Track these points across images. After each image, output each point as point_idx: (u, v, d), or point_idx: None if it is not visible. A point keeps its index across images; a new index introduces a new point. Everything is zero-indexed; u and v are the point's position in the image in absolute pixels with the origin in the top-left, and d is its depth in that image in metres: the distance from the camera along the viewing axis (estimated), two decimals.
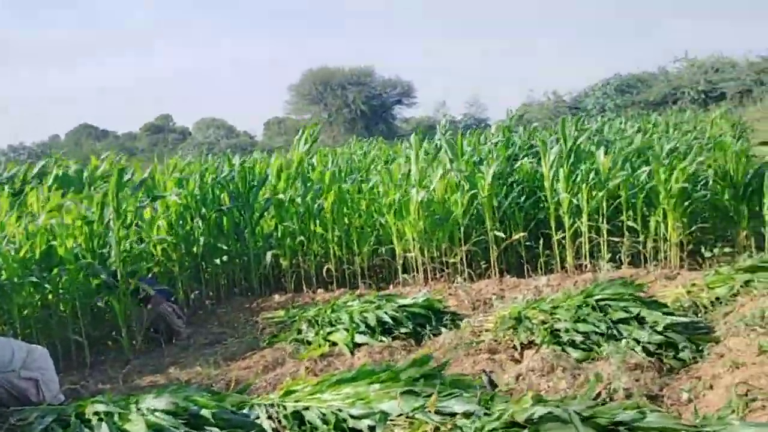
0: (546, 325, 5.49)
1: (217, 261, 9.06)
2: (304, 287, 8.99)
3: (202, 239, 8.89)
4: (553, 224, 8.57)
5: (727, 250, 7.95)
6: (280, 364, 6.01)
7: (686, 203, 8.12)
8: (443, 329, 6.29)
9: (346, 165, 12.45)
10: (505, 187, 9.05)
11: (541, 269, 8.57)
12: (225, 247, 9.07)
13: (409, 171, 8.98)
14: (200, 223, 8.95)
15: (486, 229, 8.63)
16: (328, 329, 6.48)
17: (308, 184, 9.46)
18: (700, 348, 5.02)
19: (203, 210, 9.01)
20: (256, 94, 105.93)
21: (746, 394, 3.93)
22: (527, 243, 8.82)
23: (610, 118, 24.21)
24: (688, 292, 6.22)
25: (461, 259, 8.56)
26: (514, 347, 5.57)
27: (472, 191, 8.67)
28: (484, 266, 8.79)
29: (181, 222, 8.77)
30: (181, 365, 6.43)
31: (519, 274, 8.62)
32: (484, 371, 4.96)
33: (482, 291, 7.74)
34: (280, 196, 9.27)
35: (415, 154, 9.16)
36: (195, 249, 8.88)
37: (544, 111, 39.69)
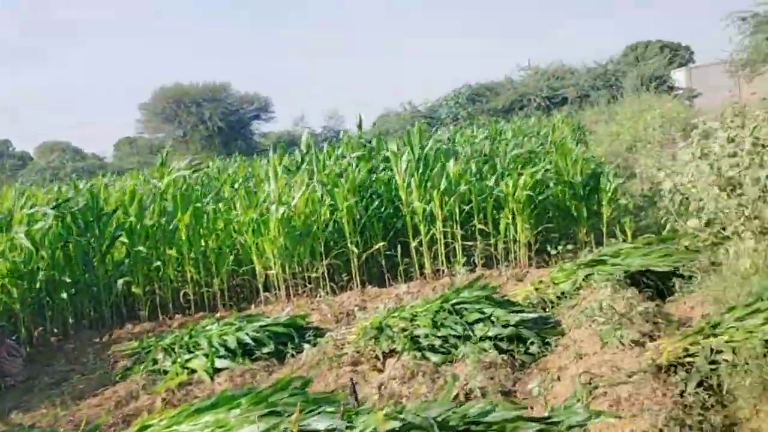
0: (406, 333, 5.60)
1: (64, 295, 8.40)
2: (160, 314, 8.60)
3: (42, 273, 8.22)
4: (410, 232, 8.76)
5: (570, 247, 8.48)
6: (135, 398, 5.69)
7: (532, 206, 8.59)
8: (306, 345, 6.22)
9: (201, 184, 12.05)
10: (365, 198, 9.14)
11: (401, 277, 8.72)
12: (70, 280, 8.44)
13: (269, 188, 8.86)
14: (44, 255, 8.30)
15: (347, 242, 8.67)
16: (186, 356, 6.23)
17: (160, 206, 9.06)
18: (547, 341, 5.31)
19: (47, 241, 8.37)
20: (104, 113, 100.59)
21: (589, 383, 4.19)
22: (387, 252, 8.94)
23: (462, 126, 25.20)
24: (536, 289, 6.57)
25: (323, 273, 8.55)
26: (377, 357, 5.63)
27: (332, 203, 8.69)
28: (346, 278, 8.83)
29: (23, 256, 8.10)
30: (23, 409, 5.92)
31: (380, 284, 8.73)
32: (351, 380, 4.95)
33: (345, 303, 7.76)
34: (132, 219, 8.79)
35: (274, 170, 9.07)
36: (38, 284, 8.22)
37: (401, 121, 40.56)
